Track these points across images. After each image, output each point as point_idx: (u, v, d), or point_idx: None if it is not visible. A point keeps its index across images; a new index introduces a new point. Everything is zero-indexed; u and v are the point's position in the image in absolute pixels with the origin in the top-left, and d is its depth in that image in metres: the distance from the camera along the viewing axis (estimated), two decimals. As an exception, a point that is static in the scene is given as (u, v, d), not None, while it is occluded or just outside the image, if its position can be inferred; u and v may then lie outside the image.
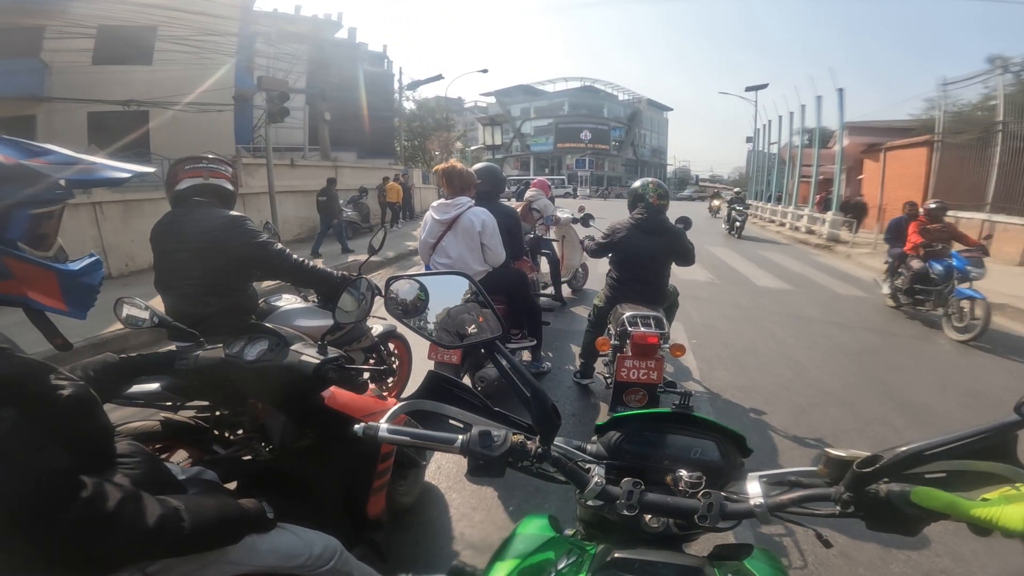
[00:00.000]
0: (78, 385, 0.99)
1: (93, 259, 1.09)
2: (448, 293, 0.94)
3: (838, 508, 0.69)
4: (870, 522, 0.67)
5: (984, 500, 0.62)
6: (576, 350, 4.27)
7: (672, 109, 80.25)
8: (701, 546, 0.91)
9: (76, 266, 1.05)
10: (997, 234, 11.16)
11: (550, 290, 6.20)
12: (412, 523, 2.25)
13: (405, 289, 0.95)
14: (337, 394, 1.63)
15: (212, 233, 2.08)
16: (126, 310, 1.68)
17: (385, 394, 1.91)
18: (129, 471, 1.07)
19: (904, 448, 0.66)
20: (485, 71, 36.90)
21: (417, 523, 2.26)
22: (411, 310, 0.93)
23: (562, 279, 6.35)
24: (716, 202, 24.16)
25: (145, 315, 1.66)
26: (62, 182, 0.98)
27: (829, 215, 14.97)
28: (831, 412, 3.56)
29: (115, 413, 2.17)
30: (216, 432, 1.81)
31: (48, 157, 0.97)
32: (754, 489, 0.75)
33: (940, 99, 14.08)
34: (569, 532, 0.99)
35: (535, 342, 3.67)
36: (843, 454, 0.74)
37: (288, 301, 2.65)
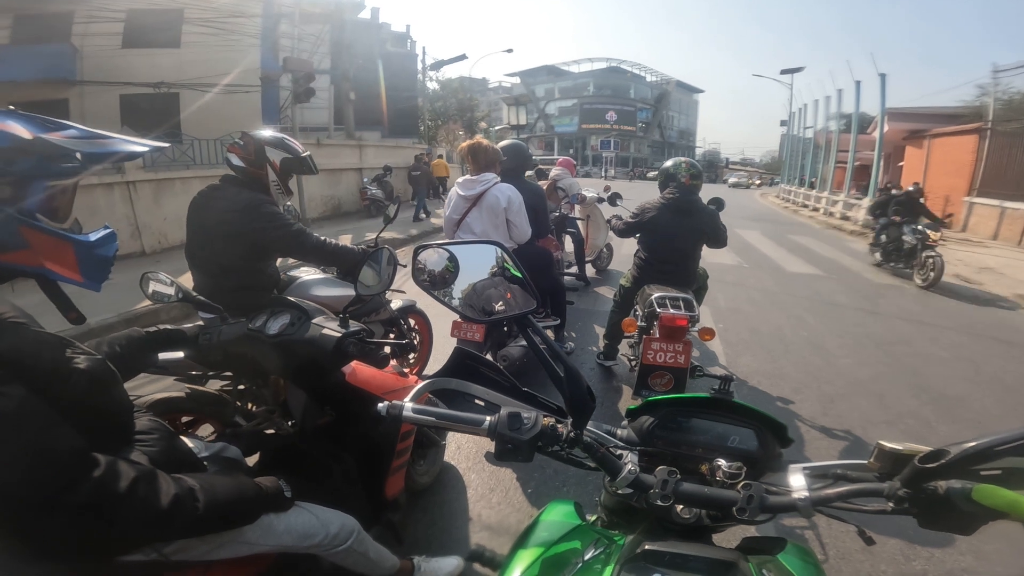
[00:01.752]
0: (95, 360, 0.98)
1: (108, 231, 1.08)
2: (477, 264, 0.89)
3: (891, 504, 0.65)
4: (923, 520, 0.63)
5: None
6: (599, 331, 4.22)
7: (703, 91, 78.71)
8: (724, 537, 0.86)
9: (92, 237, 1.04)
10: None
11: (574, 269, 6.14)
12: (429, 504, 2.24)
13: (434, 259, 0.90)
14: (358, 370, 1.62)
15: (232, 214, 2.09)
16: (152, 286, 1.69)
17: (406, 371, 1.89)
18: (147, 448, 1.07)
19: (972, 444, 0.61)
20: (510, 51, 36.33)
21: (434, 504, 2.25)
22: (439, 281, 0.89)
23: (586, 259, 6.29)
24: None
25: (171, 291, 1.67)
26: (78, 155, 0.97)
27: (866, 201, 14.46)
28: (860, 403, 3.44)
29: (144, 387, 2.23)
30: (239, 404, 1.82)
31: (65, 131, 0.97)
32: (797, 481, 0.71)
33: (991, 86, 13.58)
34: (591, 518, 0.95)
35: (559, 321, 3.63)
36: (899, 448, 0.69)
37: (307, 272, 2.66)
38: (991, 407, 3.48)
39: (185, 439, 1.33)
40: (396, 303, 2.98)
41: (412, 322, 3.27)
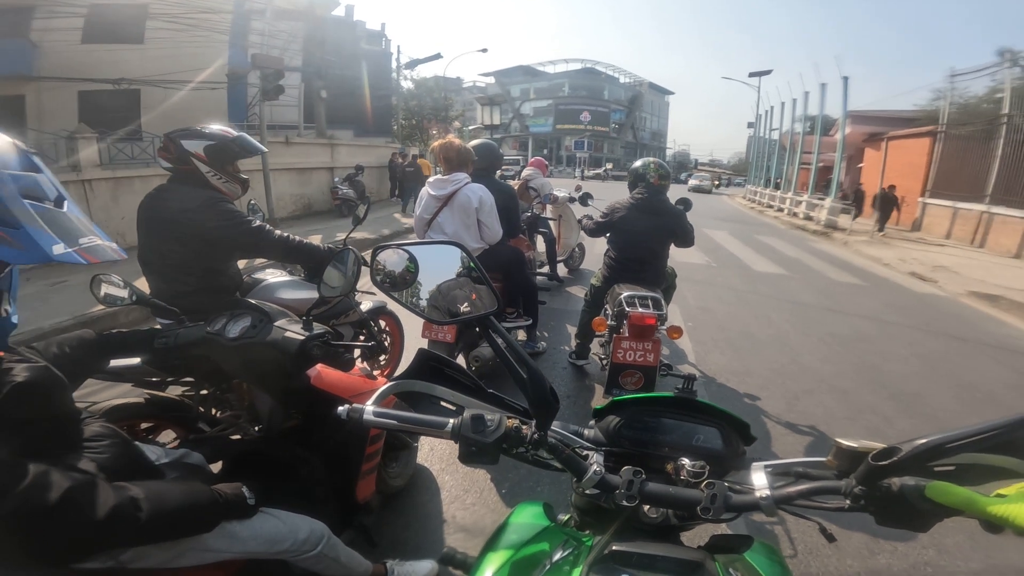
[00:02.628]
0: (34, 368, 0.94)
1: None
2: (440, 265, 0.87)
3: (847, 502, 0.65)
4: (880, 517, 0.63)
5: (999, 496, 0.58)
6: (571, 330, 4.24)
7: (673, 93, 79.91)
8: (694, 534, 0.88)
9: None
10: (995, 226, 11.23)
11: (546, 269, 6.17)
12: (403, 506, 2.22)
13: (393, 260, 0.88)
14: (324, 373, 1.59)
15: (187, 213, 1.99)
16: (104, 288, 1.62)
17: (376, 373, 1.87)
18: (96, 455, 1.02)
19: (923, 441, 0.62)
20: (485, 51, 36.24)
21: (408, 506, 2.23)
22: (399, 282, 0.87)
23: (558, 258, 6.32)
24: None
25: (124, 293, 1.60)
26: None
27: (827, 201, 14.93)
28: (824, 399, 3.55)
29: (101, 392, 2.14)
30: (202, 410, 1.77)
31: None
32: (759, 480, 0.72)
33: (947, 90, 14.10)
34: (563, 518, 0.95)
35: (531, 321, 3.62)
36: (855, 445, 0.70)
37: (272, 275, 2.59)
38: (947, 403, 3.63)
39: (144, 446, 1.28)
40: (367, 304, 2.94)
41: (383, 324, 3.23)
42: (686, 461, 0.79)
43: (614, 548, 0.72)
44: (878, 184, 14.75)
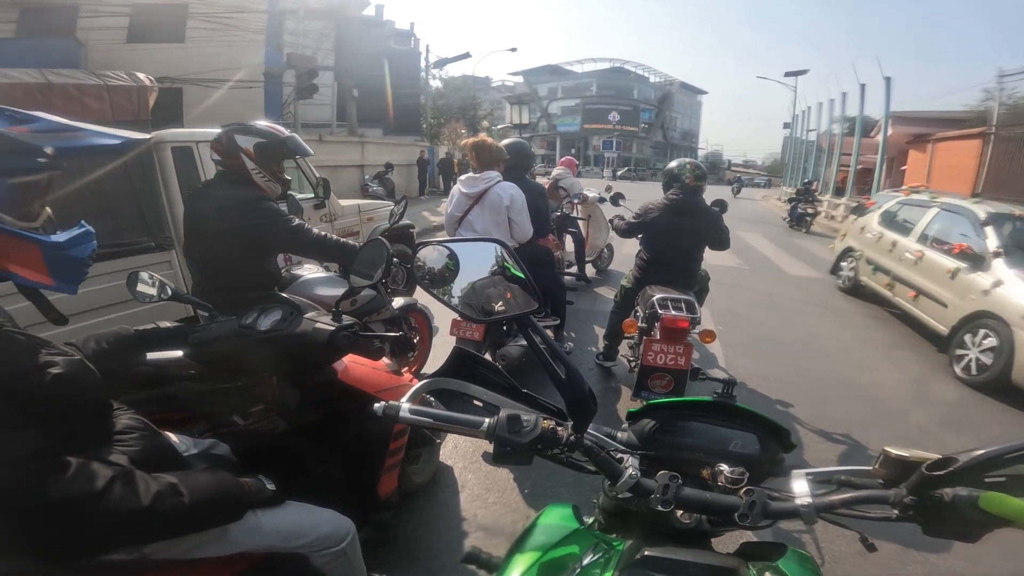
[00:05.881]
0: (71, 361, 0.94)
1: (83, 230, 1.03)
2: (478, 263, 0.87)
3: (896, 512, 0.64)
4: (928, 527, 0.63)
5: None
6: (598, 331, 4.20)
7: (706, 92, 78.58)
8: (720, 540, 0.86)
9: (62, 238, 0.99)
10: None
11: (574, 269, 6.13)
12: (424, 503, 2.23)
13: (434, 257, 0.88)
14: (351, 368, 1.61)
15: (228, 211, 2.04)
16: (137, 286, 1.67)
17: (404, 370, 1.88)
18: (127, 448, 1.03)
19: (981, 452, 0.61)
20: (514, 50, 36.29)
21: (429, 503, 2.24)
22: (439, 279, 0.87)
23: (587, 259, 6.27)
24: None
25: (154, 290, 1.65)
26: (48, 150, 0.92)
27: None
28: (857, 407, 3.44)
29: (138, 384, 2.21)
30: (235, 403, 1.81)
31: (32, 124, 0.92)
32: (800, 487, 0.70)
33: (996, 90, 13.54)
34: (588, 520, 0.94)
35: (558, 321, 3.61)
36: (906, 454, 0.68)
37: (310, 270, 2.64)
38: (998, 415, 3.49)
39: (172, 435, 1.31)
40: (398, 300, 2.97)
41: (412, 320, 3.26)
42: (725, 467, 0.77)
43: (646, 553, 0.71)
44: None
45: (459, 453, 2.60)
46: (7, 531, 0.81)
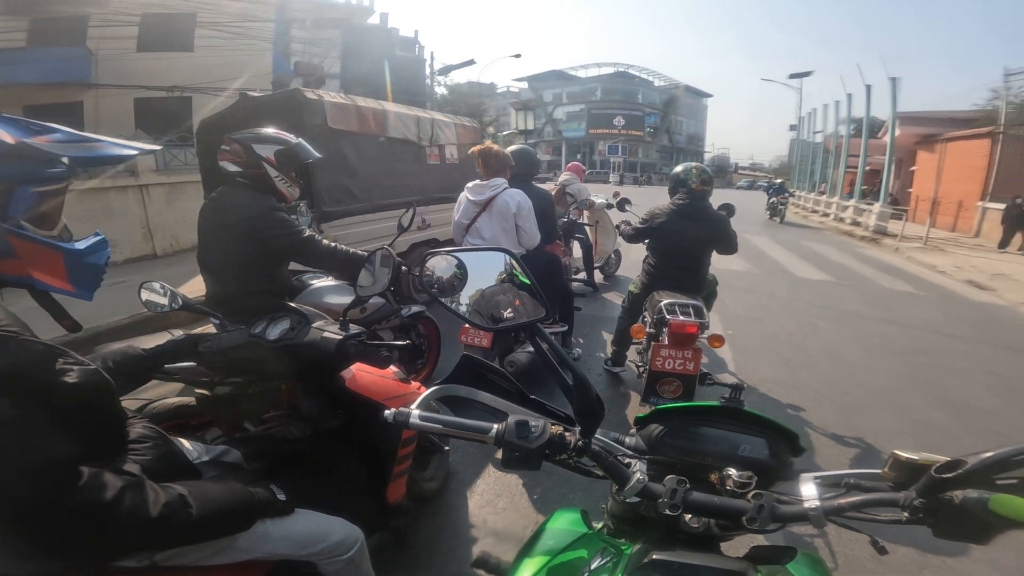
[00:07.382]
0: (87, 371, 0.95)
1: (98, 238, 1.06)
2: (486, 271, 0.88)
3: (905, 515, 0.64)
4: (939, 530, 0.62)
5: None
6: (607, 337, 4.19)
7: (711, 95, 78.33)
8: (729, 545, 0.85)
9: (81, 245, 1.02)
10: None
11: (582, 275, 6.13)
12: (435, 509, 2.24)
13: (442, 266, 0.90)
14: (358, 376, 1.62)
15: (246, 221, 2.07)
16: (145, 295, 1.70)
17: (412, 377, 1.89)
18: (139, 457, 1.05)
19: (990, 454, 0.61)
20: (518, 56, 36.31)
21: (440, 509, 2.25)
22: (447, 288, 0.88)
23: (595, 264, 6.27)
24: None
25: (164, 300, 1.67)
26: (65, 160, 0.95)
27: (876, 206, 14.30)
28: (877, 413, 3.39)
29: (154, 389, 2.25)
30: (247, 410, 1.83)
31: (51, 135, 0.95)
32: (808, 491, 0.70)
33: (1003, 89, 13.44)
34: (597, 525, 0.94)
35: (566, 327, 3.61)
36: (915, 457, 0.68)
37: (320, 279, 2.66)
38: (1015, 419, 3.42)
39: (185, 442, 1.32)
40: (407, 308, 2.99)
41: (421, 328, 3.28)
42: (733, 471, 0.78)
43: (654, 557, 0.72)
44: (933, 188, 14.08)
45: (468, 460, 2.61)
46: (22, 537, 0.83)
